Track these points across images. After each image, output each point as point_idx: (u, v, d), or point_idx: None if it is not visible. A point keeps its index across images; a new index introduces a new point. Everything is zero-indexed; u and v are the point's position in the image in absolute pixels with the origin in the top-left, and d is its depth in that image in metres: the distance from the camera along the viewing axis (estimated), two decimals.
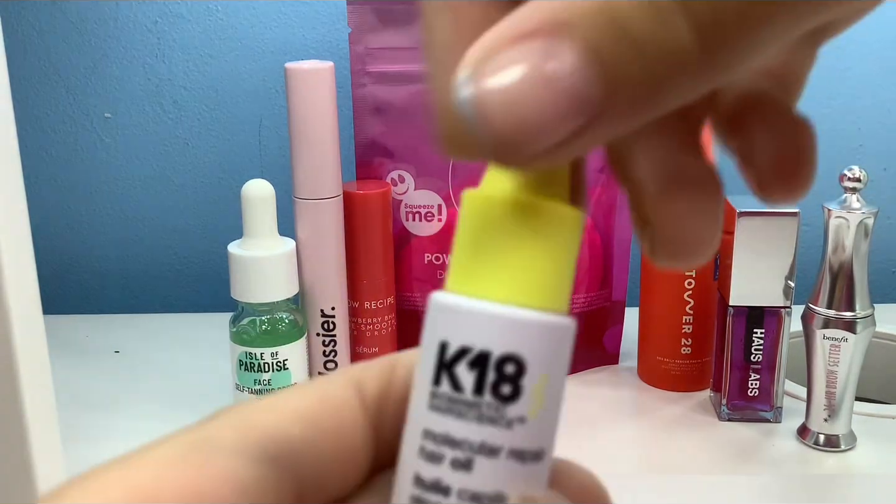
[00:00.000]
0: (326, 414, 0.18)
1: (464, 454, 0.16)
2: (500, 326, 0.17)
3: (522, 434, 0.17)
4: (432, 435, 0.17)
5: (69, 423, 0.57)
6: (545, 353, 0.17)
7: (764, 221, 0.55)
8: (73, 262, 0.82)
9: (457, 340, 0.17)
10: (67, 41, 0.77)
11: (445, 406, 0.17)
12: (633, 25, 0.14)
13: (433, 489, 0.17)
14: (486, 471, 0.16)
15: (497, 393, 0.16)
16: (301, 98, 0.56)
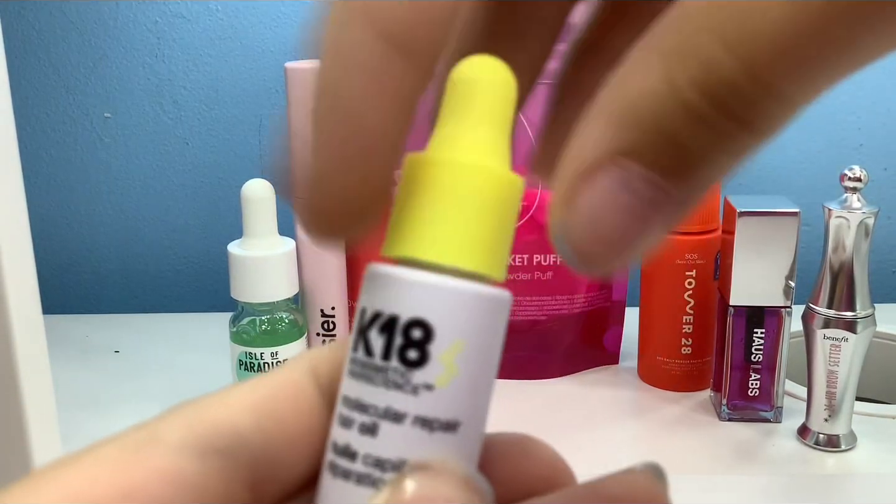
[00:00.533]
0: (281, 401, 0.18)
1: (370, 419, 0.16)
2: (408, 291, 0.16)
3: (430, 402, 0.16)
4: (347, 400, 0.17)
5: (69, 423, 0.57)
6: (460, 319, 0.16)
7: (764, 221, 0.55)
8: (72, 262, 0.82)
9: (371, 306, 0.17)
10: (67, 41, 0.77)
11: (359, 371, 0.17)
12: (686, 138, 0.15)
13: (343, 454, 0.17)
14: (391, 437, 0.16)
15: (403, 358, 0.16)
16: (301, 98, 0.56)
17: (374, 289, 0.17)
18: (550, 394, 0.63)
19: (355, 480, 0.16)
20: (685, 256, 0.60)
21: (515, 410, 0.61)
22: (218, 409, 0.17)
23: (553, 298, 0.65)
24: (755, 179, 0.78)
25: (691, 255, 0.60)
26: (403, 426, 0.16)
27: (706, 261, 0.60)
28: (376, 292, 0.17)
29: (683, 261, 0.60)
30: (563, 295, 0.65)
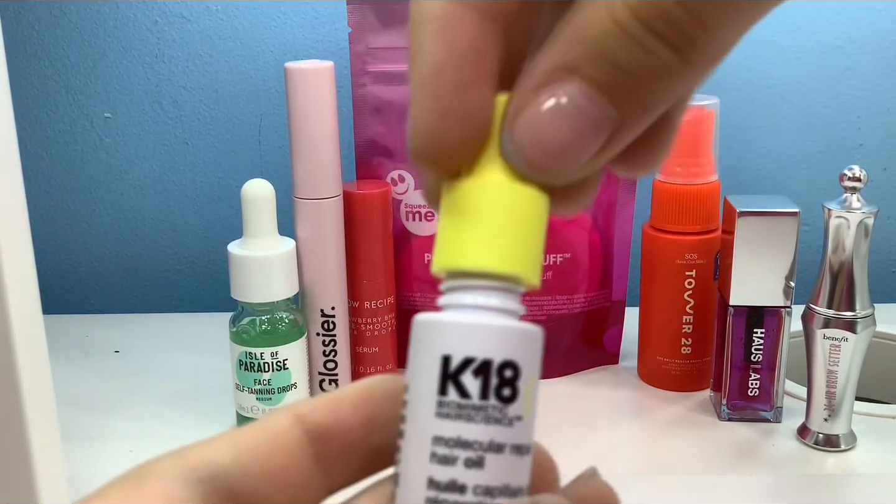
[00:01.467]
0: (264, 442, 0.20)
1: (475, 454, 0.18)
2: (499, 336, 0.19)
3: (520, 431, 0.19)
4: (443, 440, 0.19)
5: (69, 423, 0.57)
6: (532, 358, 0.19)
7: (764, 221, 0.55)
8: (72, 262, 0.82)
9: (460, 352, 0.19)
10: (67, 41, 0.77)
11: (454, 413, 0.19)
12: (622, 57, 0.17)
13: (449, 489, 0.18)
14: (496, 466, 0.18)
15: (500, 395, 0.18)
16: (301, 98, 0.56)
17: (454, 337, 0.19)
18: (550, 394, 0.63)
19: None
20: (685, 256, 0.60)
21: None
22: (200, 449, 0.20)
23: (553, 298, 0.65)
24: (755, 179, 0.78)
25: (691, 254, 0.60)
26: (504, 455, 0.19)
27: (706, 261, 0.60)
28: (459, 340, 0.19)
29: (683, 261, 0.60)
30: (563, 295, 0.65)
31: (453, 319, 0.19)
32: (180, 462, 0.19)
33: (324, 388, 0.60)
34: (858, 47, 0.75)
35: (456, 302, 0.19)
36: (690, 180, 0.59)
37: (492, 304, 0.19)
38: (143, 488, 0.19)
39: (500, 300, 0.19)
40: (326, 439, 0.21)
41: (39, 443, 0.43)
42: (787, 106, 0.76)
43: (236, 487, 0.20)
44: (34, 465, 0.42)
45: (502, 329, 0.19)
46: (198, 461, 0.20)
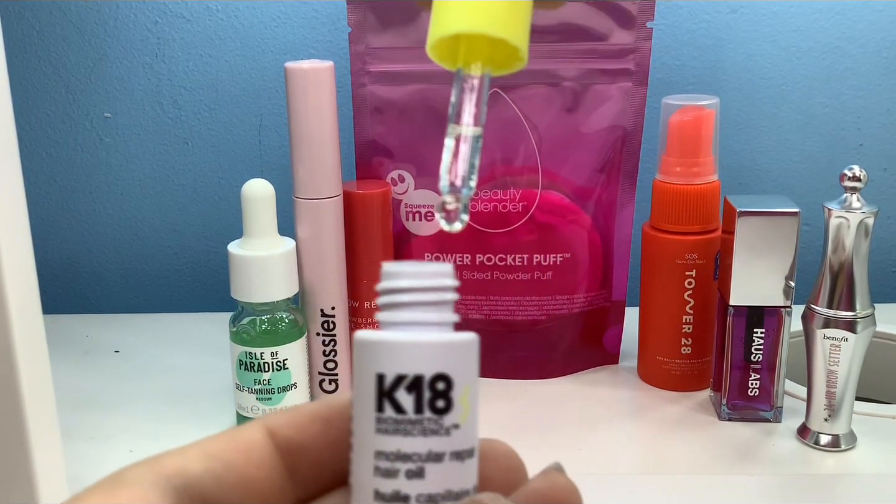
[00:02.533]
0: (234, 452, 0.21)
1: (415, 465, 0.19)
2: (428, 351, 0.20)
3: (459, 438, 0.20)
4: (384, 454, 0.20)
5: (69, 423, 0.57)
6: (465, 366, 0.20)
7: (764, 221, 0.55)
8: (72, 262, 0.82)
9: (392, 370, 0.19)
10: (67, 41, 0.77)
11: (392, 428, 0.20)
12: None
13: (393, 499, 0.19)
14: (436, 474, 0.19)
15: (434, 408, 0.19)
16: (301, 98, 0.56)
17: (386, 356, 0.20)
18: (550, 394, 0.63)
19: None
20: (685, 256, 0.60)
21: (515, 410, 0.61)
22: (174, 458, 0.20)
23: (553, 298, 0.65)
24: (755, 179, 0.78)
25: (691, 254, 0.60)
26: (444, 463, 0.19)
27: (706, 261, 0.60)
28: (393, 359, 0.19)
29: (683, 261, 0.60)
30: (563, 295, 0.65)
31: (385, 338, 0.20)
32: (155, 469, 0.20)
33: (324, 388, 0.60)
34: (858, 47, 0.75)
35: (389, 319, 0.20)
36: (690, 180, 0.59)
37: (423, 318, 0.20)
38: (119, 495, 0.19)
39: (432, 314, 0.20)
40: (296, 455, 0.21)
41: (39, 442, 0.43)
42: (787, 106, 0.76)
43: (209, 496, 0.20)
44: (34, 464, 0.42)
45: (431, 344, 0.20)
46: (171, 469, 0.20)
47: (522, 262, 0.64)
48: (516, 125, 0.61)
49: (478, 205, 0.63)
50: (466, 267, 0.64)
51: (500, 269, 0.64)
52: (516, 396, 0.63)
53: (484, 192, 0.63)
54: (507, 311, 0.65)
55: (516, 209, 0.63)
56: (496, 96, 0.61)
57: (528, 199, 0.63)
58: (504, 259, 0.64)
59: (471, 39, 0.24)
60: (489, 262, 0.64)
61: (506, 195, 0.63)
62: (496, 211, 0.63)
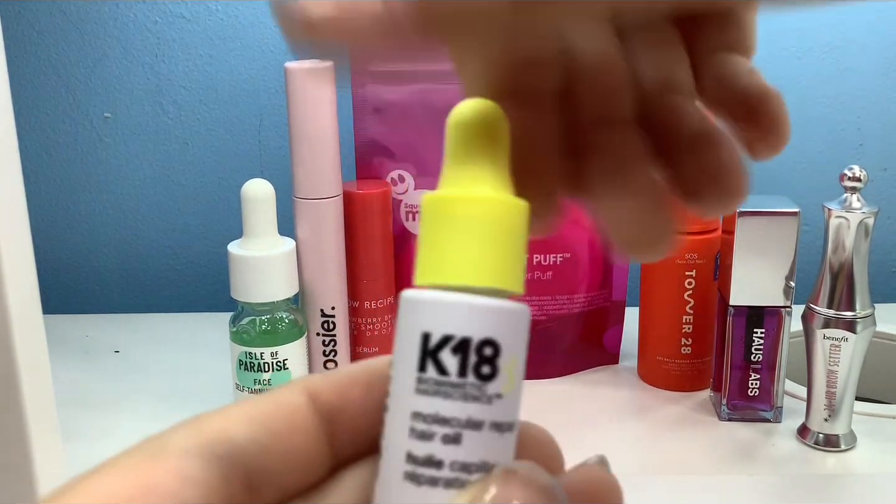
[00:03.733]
0: (276, 417, 0.20)
1: (452, 430, 0.19)
2: (478, 315, 0.19)
3: (500, 408, 0.19)
4: (421, 416, 0.19)
5: (69, 423, 0.57)
6: (515, 336, 0.19)
7: (764, 221, 0.55)
8: (72, 262, 0.82)
9: (439, 330, 0.19)
10: (67, 41, 0.77)
11: (433, 389, 0.19)
12: None
13: (426, 464, 0.19)
14: (473, 443, 0.19)
15: (479, 373, 0.19)
16: (301, 98, 0.56)
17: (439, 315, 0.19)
18: (550, 394, 0.63)
19: (444, 485, 0.19)
20: (685, 256, 0.60)
21: None
22: (217, 422, 0.19)
23: (553, 298, 0.65)
24: (755, 179, 0.78)
25: (691, 254, 0.60)
26: (482, 432, 0.19)
27: (706, 261, 0.60)
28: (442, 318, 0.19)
29: (683, 261, 0.60)
30: (563, 295, 0.65)
31: (435, 297, 0.19)
32: (199, 435, 0.19)
33: None
34: (858, 47, 0.75)
35: None
36: None
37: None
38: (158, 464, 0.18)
39: None
40: (336, 421, 0.21)
41: (40, 442, 0.43)
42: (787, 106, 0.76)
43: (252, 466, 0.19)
44: (34, 464, 0.42)
45: (482, 307, 0.19)
46: (215, 435, 0.19)
47: None
48: None
49: None
50: None
51: None
52: None
53: None
54: None
55: None
56: None
57: None
58: None
59: None
60: None
61: None
62: None
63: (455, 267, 0.19)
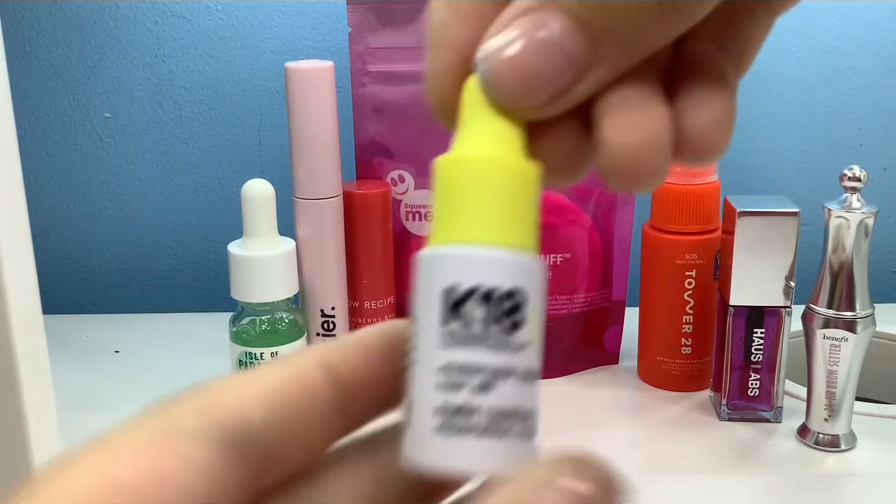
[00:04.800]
0: (293, 395, 0.19)
1: (483, 378, 0.19)
2: (504, 266, 0.19)
3: (527, 357, 0.19)
4: (450, 368, 0.19)
5: (69, 423, 0.57)
6: (536, 288, 0.20)
7: (764, 221, 0.55)
8: (72, 262, 0.82)
9: (465, 283, 0.19)
10: (67, 41, 0.77)
11: (461, 341, 0.19)
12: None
13: (458, 413, 0.19)
14: (505, 390, 0.19)
15: (504, 323, 0.19)
16: (301, 98, 0.56)
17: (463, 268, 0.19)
18: (550, 394, 0.63)
19: (478, 433, 0.19)
20: (685, 256, 0.60)
21: None
22: (233, 400, 0.18)
23: (553, 298, 0.65)
24: (755, 179, 0.78)
25: (691, 255, 0.60)
26: (512, 380, 0.19)
27: (706, 261, 0.60)
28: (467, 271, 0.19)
29: (683, 261, 0.60)
30: (563, 295, 0.65)
31: (458, 252, 0.19)
32: (210, 415, 0.18)
33: None
34: (858, 47, 0.75)
35: None
36: (690, 180, 0.59)
37: None
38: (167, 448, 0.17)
39: None
40: (352, 394, 0.20)
41: (39, 443, 0.43)
42: (787, 106, 0.76)
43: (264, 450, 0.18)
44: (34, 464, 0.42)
45: (507, 260, 0.19)
46: (230, 418, 0.18)
47: None
48: None
49: None
50: None
51: None
52: None
53: None
54: None
55: None
56: None
57: None
58: None
59: None
60: None
61: None
62: None
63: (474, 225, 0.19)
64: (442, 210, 0.20)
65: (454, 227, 0.20)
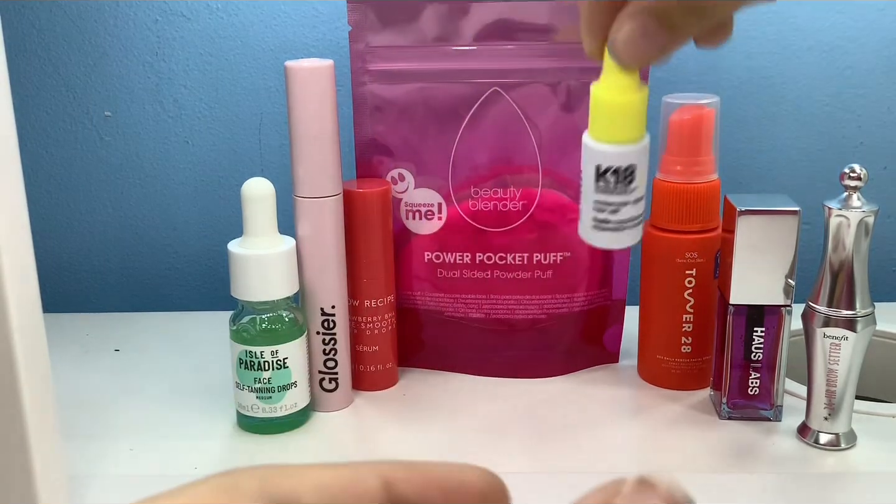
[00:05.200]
0: (345, 493, 0.20)
1: (613, 207, 0.37)
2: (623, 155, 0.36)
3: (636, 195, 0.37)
4: (599, 202, 0.37)
5: (69, 422, 0.57)
6: (643, 160, 0.36)
7: (764, 220, 0.55)
8: (72, 261, 0.82)
9: (604, 164, 0.36)
10: (67, 40, 0.77)
11: (603, 190, 0.36)
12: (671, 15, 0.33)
13: (603, 222, 0.37)
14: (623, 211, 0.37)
15: (625, 183, 0.36)
16: (301, 96, 0.56)
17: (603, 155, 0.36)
18: (550, 393, 0.63)
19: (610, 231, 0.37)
20: (685, 255, 0.60)
21: (515, 409, 0.61)
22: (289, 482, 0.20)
23: (553, 297, 0.65)
24: (755, 178, 0.78)
25: (691, 253, 0.60)
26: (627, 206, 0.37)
27: (706, 259, 0.60)
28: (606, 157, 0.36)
29: (683, 259, 0.60)
30: (563, 294, 0.65)
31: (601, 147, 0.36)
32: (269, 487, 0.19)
33: (324, 387, 0.60)
34: (858, 47, 0.75)
35: None
36: (691, 179, 0.59)
37: None
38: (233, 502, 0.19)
39: None
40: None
41: (39, 441, 0.43)
42: (787, 105, 0.76)
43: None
44: (34, 463, 0.42)
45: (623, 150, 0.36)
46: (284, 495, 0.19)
47: (522, 261, 0.64)
48: (517, 124, 0.61)
49: (478, 203, 0.63)
50: (466, 266, 0.64)
51: (500, 268, 0.64)
52: (516, 396, 0.63)
53: (484, 190, 0.63)
54: (507, 309, 0.65)
55: (516, 208, 0.63)
56: (496, 95, 0.61)
57: (529, 198, 0.63)
58: (504, 258, 0.64)
59: None
60: (489, 260, 0.64)
61: (506, 194, 0.63)
62: (496, 210, 0.63)
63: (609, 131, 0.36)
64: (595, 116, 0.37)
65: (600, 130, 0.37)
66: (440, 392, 0.64)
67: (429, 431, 0.58)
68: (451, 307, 0.66)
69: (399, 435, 0.58)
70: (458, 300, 0.65)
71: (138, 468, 0.54)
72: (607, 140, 0.36)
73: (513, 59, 0.60)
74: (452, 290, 0.65)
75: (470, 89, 0.61)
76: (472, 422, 0.59)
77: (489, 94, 0.61)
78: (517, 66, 0.60)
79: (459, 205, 0.63)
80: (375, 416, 0.61)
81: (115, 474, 0.54)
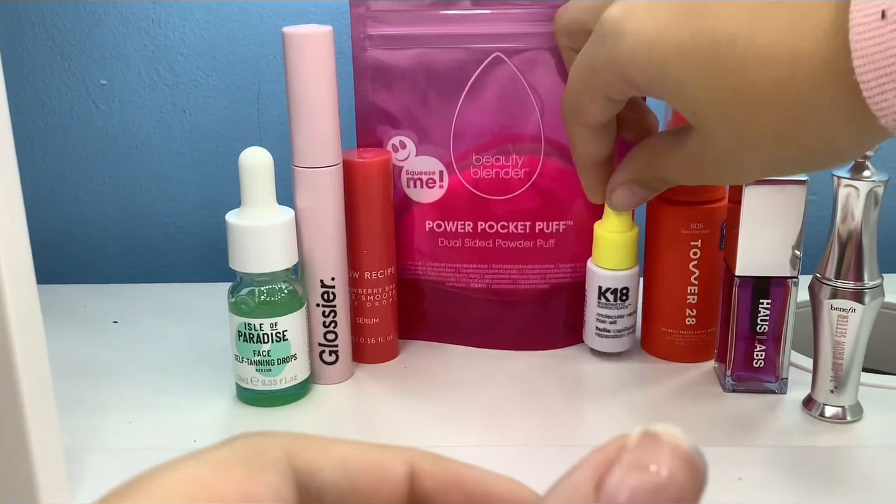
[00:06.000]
0: (368, 473, 0.20)
1: (612, 319, 0.55)
2: (620, 278, 0.55)
3: (629, 310, 0.55)
4: (600, 315, 0.55)
5: (67, 394, 0.56)
6: (633, 282, 0.53)
7: (771, 190, 0.54)
8: (69, 231, 0.81)
9: (605, 285, 0.54)
10: (62, 7, 0.75)
11: (604, 306, 0.54)
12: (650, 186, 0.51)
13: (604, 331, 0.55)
14: (620, 322, 0.56)
15: (621, 300, 0.55)
16: (299, 63, 0.55)
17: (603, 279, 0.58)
18: (553, 365, 0.63)
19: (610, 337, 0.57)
20: (690, 226, 0.59)
21: (518, 382, 0.61)
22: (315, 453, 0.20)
23: (556, 266, 0.64)
24: None
25: (696, 224, 0.59)
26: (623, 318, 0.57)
27: (712, 230, 0.59)
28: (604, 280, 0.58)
29: (689, 230, 0.59)
30: (566, 263, 0.64)
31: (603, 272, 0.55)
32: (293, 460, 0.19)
33: (324, 360, 0.60)
34: None
35: None
36: None
37: None
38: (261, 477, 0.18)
39: None
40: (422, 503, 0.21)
41: (36, 414, 0.42)
42: None
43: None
44: (31, 436, 0.42)
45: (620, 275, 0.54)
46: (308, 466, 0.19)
47: (525, 230, 0.63)
48: (519, 90, 0.60)
49: (479, 171, 0.62)
50: (468, 235, 0.63)
51: (502, 237, 0.63)
52: (518, 368, 0.62)
53: (486, 158, 0.62)
54: (509, 279, 0.64)
55: (518, 176, 0.62)
56: (498, 60, 0.60)
57: (531, 166, 0.62)
58: (506, 226, 0.63)
59: None
60: (490, 229, 0.63)
61: (508, 161, 0.62)
62: (498, 177, 0.62)
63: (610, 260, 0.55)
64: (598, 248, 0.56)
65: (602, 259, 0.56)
66: (442, 364, 0.63)
67: (430, 404, 0.58)
68: (452, 277, 0.65)
69: (400, 408, 0.58)
70: (459, 270, 0.65)
71: (137, 441, 0.54)
72: (607, 267, 0.55)
73: (514, 22, 0.59)
74: (454, 260, 0.64)
75: (472, 55, 0.60)
76: (473, 394, 0.59)
77: (491, 59, 0.60)
78: (519, 30, 0.59)
79: (461, 173, 0.62)
80: (376, 388, 0.60)
81: (114, 447, 0.53)
